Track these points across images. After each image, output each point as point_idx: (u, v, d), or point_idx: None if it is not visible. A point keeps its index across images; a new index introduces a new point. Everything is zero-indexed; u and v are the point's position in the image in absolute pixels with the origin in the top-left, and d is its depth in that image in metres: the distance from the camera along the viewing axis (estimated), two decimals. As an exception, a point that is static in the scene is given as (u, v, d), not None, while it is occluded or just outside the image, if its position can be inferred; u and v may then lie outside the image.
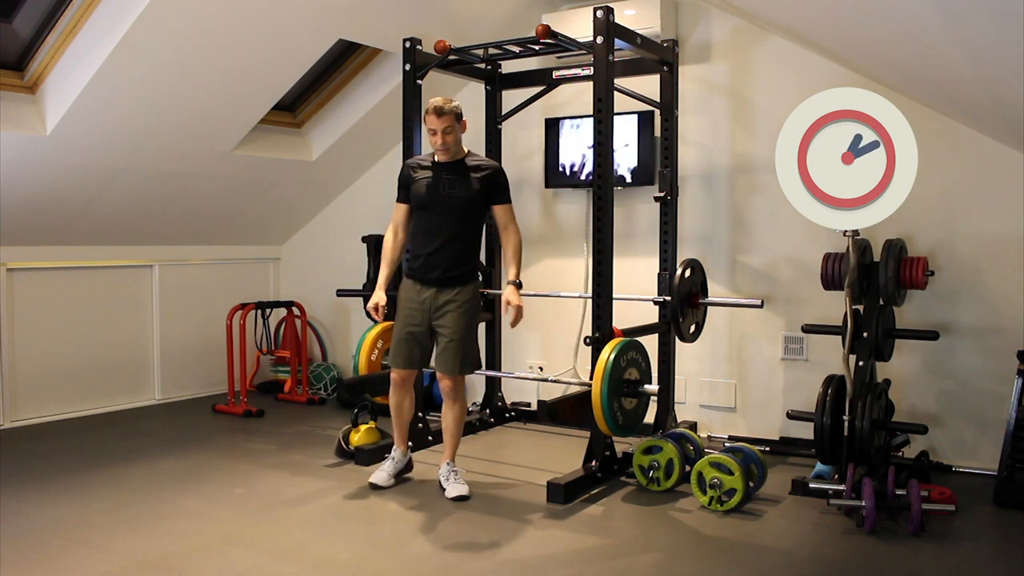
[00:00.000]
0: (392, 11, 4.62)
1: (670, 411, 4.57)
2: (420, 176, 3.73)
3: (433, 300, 3.70)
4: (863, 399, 3.63)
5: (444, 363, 3.71)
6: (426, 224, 3.72)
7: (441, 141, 3.65)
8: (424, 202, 3.70)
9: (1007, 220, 4.06)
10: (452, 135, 3.66)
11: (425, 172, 3.73)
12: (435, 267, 3.69)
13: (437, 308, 3.70)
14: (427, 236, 3.71)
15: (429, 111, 3.64)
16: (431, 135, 3.66)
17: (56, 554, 3.10)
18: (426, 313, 3.71)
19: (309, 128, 5.68)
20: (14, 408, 5.05)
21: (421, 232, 3.74)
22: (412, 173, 3.76)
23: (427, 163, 3.76)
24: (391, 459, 3.93)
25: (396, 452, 3.94)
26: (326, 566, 3.01)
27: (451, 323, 3.68)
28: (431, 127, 3.64)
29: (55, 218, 4.94)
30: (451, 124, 3.64)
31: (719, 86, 4.77)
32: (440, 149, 3.68)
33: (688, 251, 4.74)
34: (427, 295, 3.70)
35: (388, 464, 3.90)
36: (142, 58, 4.12)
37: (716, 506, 3.59)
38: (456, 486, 3.74)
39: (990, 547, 3.26)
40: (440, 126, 3.63)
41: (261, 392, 6.08)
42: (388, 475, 3.86)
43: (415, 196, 3.72)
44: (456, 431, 3.83)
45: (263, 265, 6.47)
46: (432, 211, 3.70)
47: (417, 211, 3.75)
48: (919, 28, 2.86)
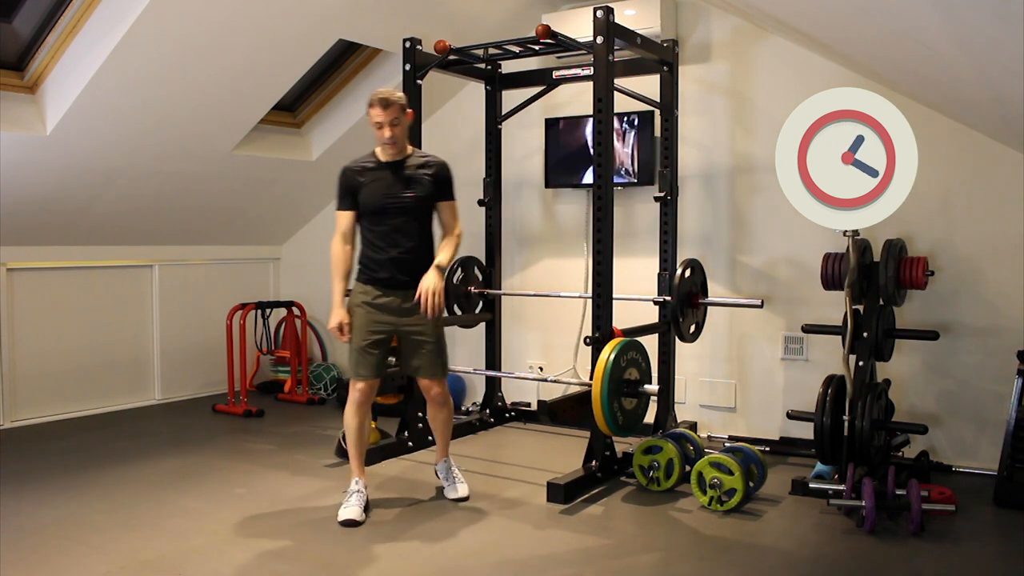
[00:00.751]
0: (392, 11, 4.62)
1: (670, 411, 4.57)
2: (368, 180, 3.47)
3: (400, 305, 3.48)
4: (863, 399, 3.63)
5: (429, 369, 3.54)
6: (385, 228, 3.47)
7: (389, 134, 3.39)
8: (379, 206, 3.46)
9: (1007, 220, 4.06)
10: (399, 128, 3.41)
11: (373, 175, 3.48)
12: (400, 271, 3.47)
13: (406, 312, 3.48)
14: (388, 240, 3.47)
15: (373, 103, 3.38)
16: (376, 129, 3.40)
17: (56, 554, 3.10)
18: (391, 318, 3.49)
19: (309, 128, 5.68)
20: (14, 408, 5.05)
21: (380, 237, 3.48)
22: (358, 178, 3.48)
23: (372, 164, 3.51)
24: (357, 492, 3.50)
25: (359, 483, 3.53)
26: (326, 566, 3.01)
27: (429, 325, 3.50)
28: (376, 120, 3.38)
29: (55, 218, 4.94)
30: (398, 116, 3.39)
31: (719, 86, 4.77)
32: (387, 143, 3.43)
33: (688, 251, 4.74)
34: (391, 299, 3.48)
35: (355, 498, 3.48)
36: (142, 58, 4.12)
37: (716, 506, 3.59)
38: (458, 486, 3.73)
39: (990, 547, 3.26)
40: (387, 118, 3.37)
41: (261, 392, 6.08)
42: (359, 509, 3.45)
43: (368, 203, 3.47)
44: (449, 431, 3.77)
45: (263, 265, 6.47)
46: (391, 215, 3.46)
47: (372, 217, 3.48)
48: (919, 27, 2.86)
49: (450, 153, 5.63)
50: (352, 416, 3.54)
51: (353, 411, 3.54)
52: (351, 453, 3.58)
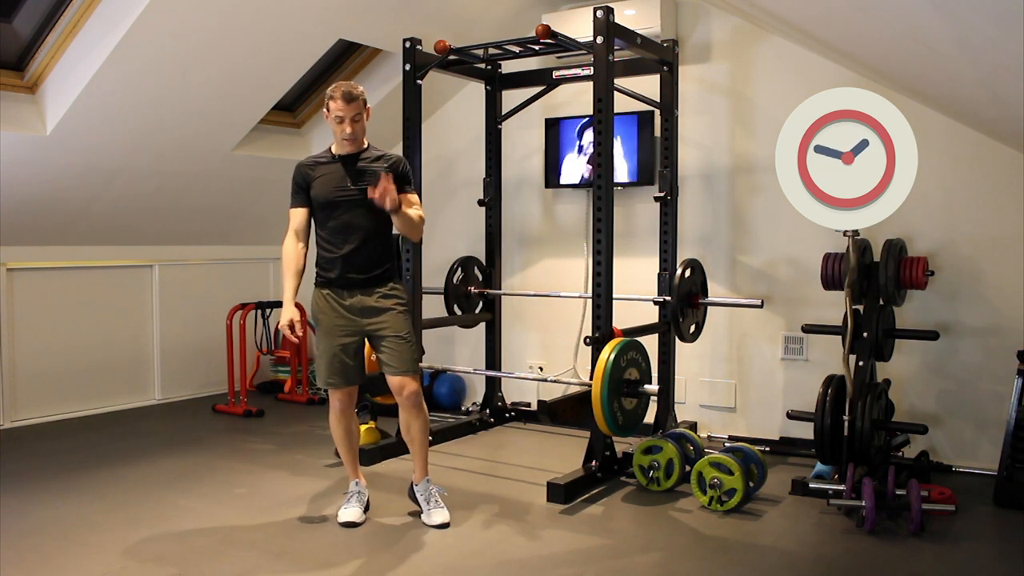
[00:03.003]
0: (392, 11, 4.62)
1: (670, 411, 4.57)
2: (321, 174, 3.34)
3: (361, 303, 3.33)
4: (863, 399, 3.63)
5: (401, 362, 3.31)
6: (337, 224, 3.32)
7: (350, 130, 3.28)
8: (332, 201, 3.32)
9: (1007, 220, 4.06)
10: (360, 124, 3.30)
11: (326, 169, 3.35)
12: (356, 268, 3.32)
13: (370, 311, 3.33)
14: (340, 236, 3.32)
15: (335, 97, 3.26)
16: (336, 123, 3.28)
17: (56, 554, 3.10)
18: (355, 319, 3.34)
19: (309, 128, 5.68)
20: (14, 408, 5.05)
21: (332, 233, 3.34)
22: (311, 172, 3.35)
23: (325, 159, 3.38)
24: (356, 493, 3.48)
25: (359, 485, 3.51)
26: (326, 566, 3.01)
27: (393, 320, 3.33)
28: (338, 114, 3.26)
29: (55, 218, 4.94)
30: (359, 111, 3.28)
31: (719, 86, 4.77)
32: (347, 139, 3.30)
33: (688, 251, 4.74)
34: (353, 300, 3.33)
35: (355, 500, 3.46)
36: (142, 58, 4.12)
37: (716, 506, 3.59)
38: (439, 511, 3.43)
39: (990, 547, 3.26)
40: (349, 113, 3.25)
41: (261, 392, 6.08)
42: (359, 510, 3.43)
43: (319, 197, 3.33)
44: (426, 442, 3.46)
45: (263, 265, 6.47)
46: (342, 209, 3.31)
47: (323, 212, 3.34)
48: (919, 27, 2.86)
49: (450, 153, 5.67)
50: (336, 424, 3.46)
51: (336, 420, 3.45)
52: (344, 458, 3.55)
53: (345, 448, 3.51)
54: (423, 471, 3.47)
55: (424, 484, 3.47)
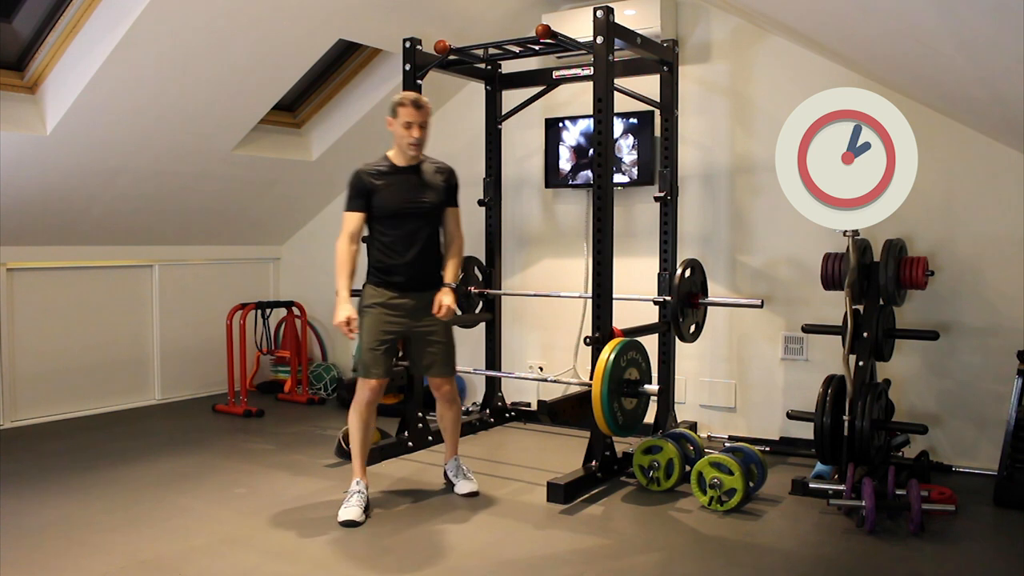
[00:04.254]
0: (392, 11, 4.62)
1: (670, 411, 4.57)
2: (383, 183, 3.52)
3: (414, 306, 3.56)
4: (863, 399, 3.63)
5: (440, 368, 3.68)
6: (402, 233, 3.54)
7: (418, 135, 3.48)
8: (396, 210, 3.52)
9: (1007, 220, 4.06)
10: (425, 131, 3.52)
11: (389, 179, 3.53)
12: (418, 273, 3.56)
13: (421, 314, 3.56)
14: (402, 244, 3.54)
15: (405, 103, 3.46)
16: (405, 128, 3.47)
17: (56, 554, 3.10)
18: (406, 320, 3.56)
19: (309, 128, 5.68)
20: (14, 408, 5.05)
21: (395, 241, 3.54)
22: (373, 181, 3.52)
23: (386, 168, 3.56)
24: (357, 492, 3.51)
25: (360, 484, 3.54)
26: (326, 566, 3.01)
27: (439, 324, 3.61)
28: (408, 119, 3.46)
29: (55, 218, 4.94)
30: (427, 119, 3.52)
31: (719, 86, 4.77)
32: (413, 144, 3.49)
33: (688, 251, 4.74)
34: (406, 301, 3.55)
35: (356, 499, 3.49)
36: (142, 58, 4.12)
37: (716, 506, 3.59)
38: (467, 482, 3.80)
39: (990, 547, 3.26)
40: (418, 119, 3.47)
41: (261, 392, 6.08)
42: (360, 510, 3.45)
43: (383, 205, 3.51)
44: (457, 429, 3.86)
45: (263, 265, 6.47)
46: (406, 218, 3.53)
47: (389, 220, 3.53)
48: (918, 27, 2.86)
49: (450, 153, 5.63)
50: (358, 415, 3.58)
51: (360, 409, 3.58)
52: (354, 452, 3.61)
53: (358, 441, 3.60)
54: (453, 451, 3.87)
55: (453, 462, 3.86)
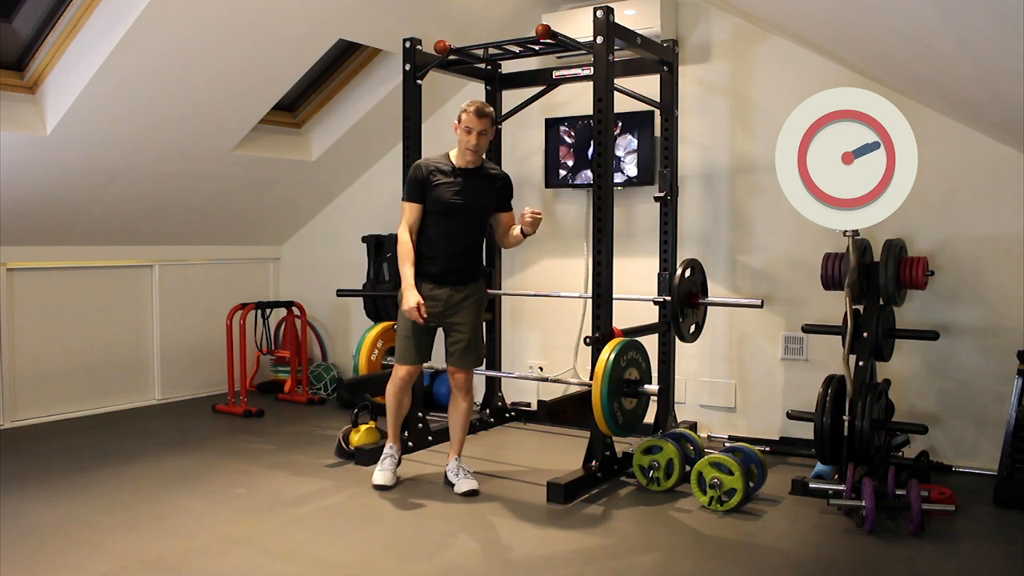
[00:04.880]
0: (392, 11, 4.62)
1: (670, 411, 4.57)
2: (441, 181, 3.72)
3: (448, 298, 3.75)
4: (863, 399, 3.63)
5: (461, 358, 3.79)
6: (447, 228, 3.73)
7: (476, 142, 3.68)
8: (450, 209, 3.71)
9: (1007, 220, 4.06)
10: (485, 139, 3.71)
11: (447, 178, 3.72)
12: (455, 269, 3.75)
13: (452, 305, 3.75)
14: (447, 240, 3.73)
15: (469, 111, 3.66)
16: (465, 134, 3.67)
17: (56, 554, 3.10)
18: (440, 311, 3.75)
19: (309, 128, 5.68)
20: (14, 408, 5.05)
21: (440, 236, 3.74)
22: (431, 177, 3.72)
23: (447, 167, 3.75)
24: (390, 456, 3.92)
25: (392, 449, 3.94)
26: (326, 566, 3.01)
27: (466, 319, 3.77)
28: (469, 126, 3.66)
29: (55, 218, 4.94)
30: (487, 128, 3.69)
31: (719, 86, 4.77)
32: (471, 150, 3.69)
33: (688, 251, 4.74)
34: (441, 292, 3.74)
35: (388, 463, 3.89)
36: (142, 58, 4.12)
37: (716, 506, 3.59)
38: (466, 481, 3.82)
39: (990, 547, 3.26)
40: (479, 127, 3.66)
41: (261, 392, 6.08)
42: (392, 474, 3.87)
43: (437, 201, 3.71)
44: (466, 425, 3.92)
45: (263, 265, 6.47)
46: (457, 217, 3.73)
47: (437, 215, 3.73)
48: (919, 27, 2.86)
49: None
50: (393, 396, 3.88)
51: (394, 392, 3.87)
52: (389, 421, 3.93)
53: (392, 413, 3.91)
54: (458, 449, 3.91)
55: (454, 462, 3.89)
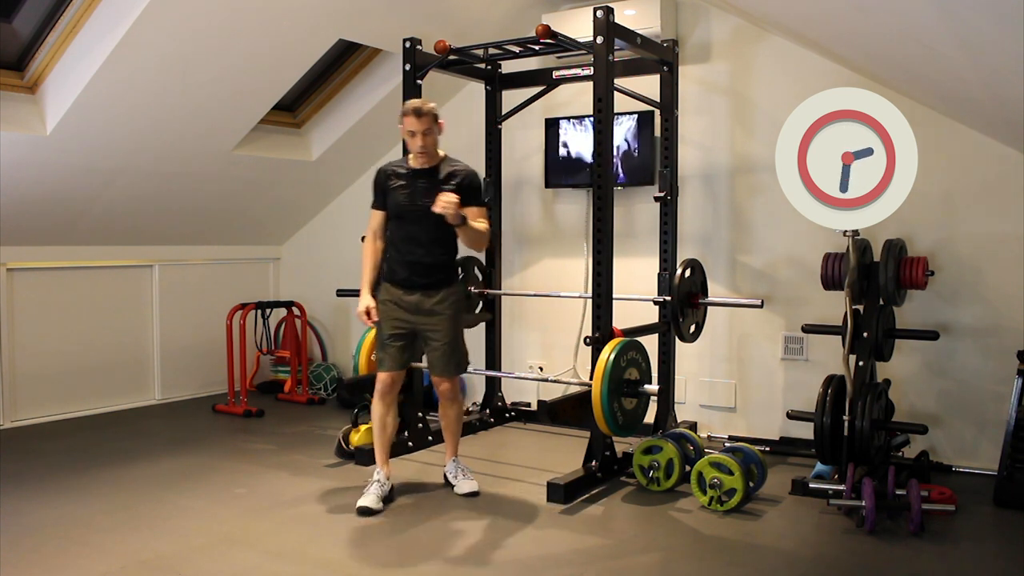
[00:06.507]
0: (392, 11, 4.62)
1: (670, 411, 4.57)
2: (396, 184, 3.64)
3: (419, 303, 3.64)
4: (863, 399, 3.63)
5: (440, 368, 3.70)
6: (405, 232, 3.64)
7: (421, 143, 3.54)
8: (401, 212, 3.63)
9: (1007, 220, 4.06)
10: (431, 137, 3.56)
11: (400, 180, 3.65)
12: (419, 274, 3.63)
13: (425, 312, 3.64)
14: (407, 244, 3.63)
15: (407, 113, 3.53)
16: (409, 137, 3.56)
17: (56, 554, 3.10)
18: (412, 315, 3.64)
19: (309, 128, 5.68)
20: (14, 408, 5.05)
21: (400, 240, 3.65)
22: (388, 181, 3.67)
23: (402, 170, 3.67)
24: (377, 482, 3.65)
25: (380, 474, 3.69)
26: (326, 566, 3.01)
27: (441, 325, 3.65)
28: (410, 129, 3.53)
29: (55, 218, 4.94)
30: (430, 126, 3.54)
31: (719, 86, 4.77)
32: (419, 152, 3.57)
33: (688, 251, 4.74)
34: (412, 298, 3.64)
35: (375, 488, 3.63)
36: (142, 58, 4.12)
37: (716, 506, 3.59)
38: (467, 482, 3.81)
39: (990, 547, 3.26)
40: (420, 128, 3.52)
41: (261, 392, 6.08)
42: (377, 498, 3.60)
43: (392, 205, 3.65)
44: (457, 429, 3.88)
45: (263, 265, 6.47)
46: (410, 220, 3.62)
47: (396, 220, 3.66)
48: (919, 27, 2.86)
49: (450, 153, 5.65)
50: (376, 407, 3.73)
51: (376, 400, 3.73)
52: (374, 444, 3.76)
53: (378, 435, 3.74)
54: (453, 451, 3.89)
55: (452, 462, 3.87)
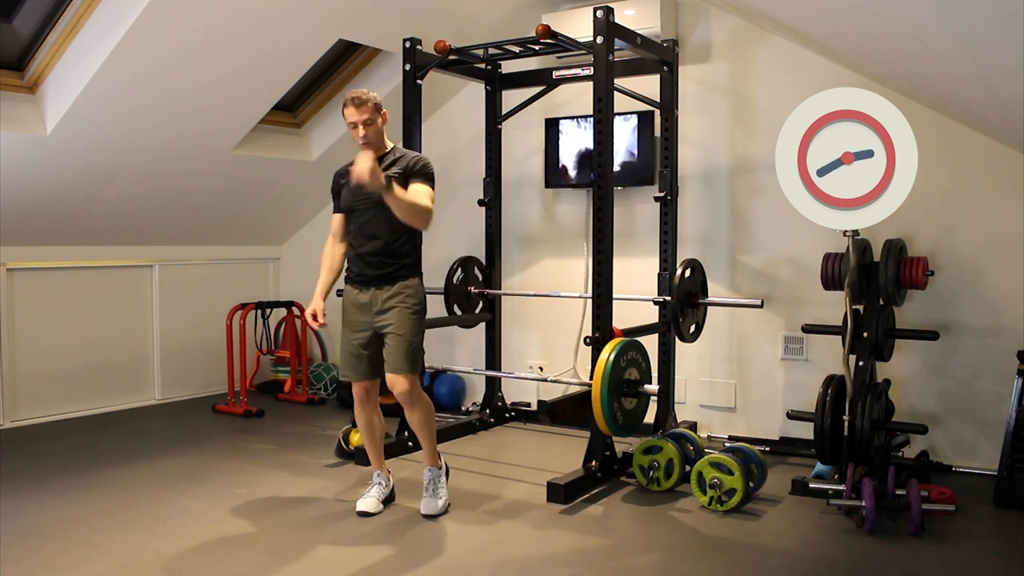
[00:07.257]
0: (392, 11, 4.62)
1: (670, 411, 4.57)
2: (346, 181, 3.53)
3: (372, 300, 3.48)
4: (863, 399, 3.63)
5: (393, 361, 3.43)
6: (355, 226, 3.54)
7: (363, 133, 3.43)
8: (349, 204, 3.54)
9: (1007, 220, 4.06)
10: (372, 128, 3.43)
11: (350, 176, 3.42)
12: (369, 266, 3.49)
13: (379, 309, 3.47)
14: (358, 237, 3.53)
15: (347, 103, 3.42)
16: (351, 129, 3.45)
17: (56, 554, 3.10)
18: (369, 315, 3.49)
19: (309, 128, 5.68)
20: (14, 408, 5.05)
21: (353, 235, 3.56)
22: (340, 180, 3.60)
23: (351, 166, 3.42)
24: (376, 484, 3.64)
25: (378, 476, 3.67)
26: (326, 566, 3.01)
27: (396, 318, 3.43)
28: (350, 120, 3.43)
29: (55, 218, 4.94)
30: (371, 116, 3.42)
31: (719, 86, 4.77)
32: (361, 143, 3.45)
33: (688, 251, 4.74)
34: (367, 297, 3.49)
35: (374, 490, 3.62)
36: (142, 58, 4.12)
37: (716, 506, 3.59)
38: (430, 501, 3.55)
39: (990, 547, 3.26)
40: (360, 118, 3.40)
41: (261, 392, 6.08)
42: (376, 501, 3.58)
43: (343, 201, 3.57)
44: (427, 433, 3.57)
45: (263, 265, 6.47)
46: (358, 212, 3.51)
47: (348, 216, 3.57)
48: (919, 27, 2.86)
49: (450, 153, 5.67)
50: (358, 414, 3.65)
51: (358, 410, 3.64)
52: (366, 449, 3.70)
53: (366, 439, 3.67)
54: (427, 459, 3.62)
55: (427, 472, 3.62)
